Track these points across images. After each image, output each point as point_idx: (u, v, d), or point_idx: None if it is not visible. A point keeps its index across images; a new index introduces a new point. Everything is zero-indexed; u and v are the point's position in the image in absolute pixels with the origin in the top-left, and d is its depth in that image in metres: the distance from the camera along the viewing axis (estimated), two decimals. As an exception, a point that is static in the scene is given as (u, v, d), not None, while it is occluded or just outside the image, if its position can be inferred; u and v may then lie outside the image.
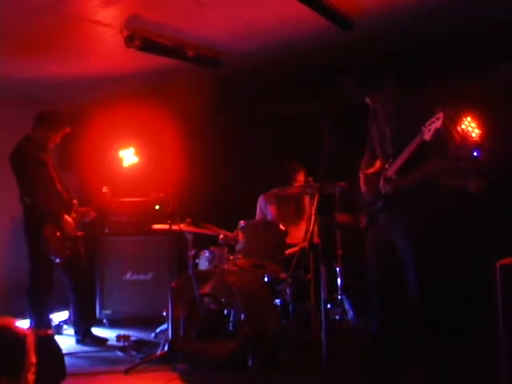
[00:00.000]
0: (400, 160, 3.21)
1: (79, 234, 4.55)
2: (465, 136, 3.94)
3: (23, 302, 4.49)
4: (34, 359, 2.14)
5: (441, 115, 2.93)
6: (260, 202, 5.38)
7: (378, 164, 3.52)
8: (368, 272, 3.48)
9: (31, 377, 2.16)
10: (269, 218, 5.26)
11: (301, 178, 5.14)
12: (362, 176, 3.62)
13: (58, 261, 4.39)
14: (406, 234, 3.24)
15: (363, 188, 3.58)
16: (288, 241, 4.64)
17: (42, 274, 4.48)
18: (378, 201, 3.39)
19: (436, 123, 2.95)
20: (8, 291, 5.35)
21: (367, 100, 3.46)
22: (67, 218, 4.47)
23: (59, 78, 5.10)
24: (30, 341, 2.09)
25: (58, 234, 4.37)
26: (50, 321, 4.68)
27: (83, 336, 4.70)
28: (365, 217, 3.50)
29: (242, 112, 5.98)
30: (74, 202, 4.65)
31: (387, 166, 3.33)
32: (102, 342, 4.68)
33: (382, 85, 3.34)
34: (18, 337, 2.08)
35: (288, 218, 5.15)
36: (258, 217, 5.36)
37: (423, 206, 3.21)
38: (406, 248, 3.24)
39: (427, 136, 2.98)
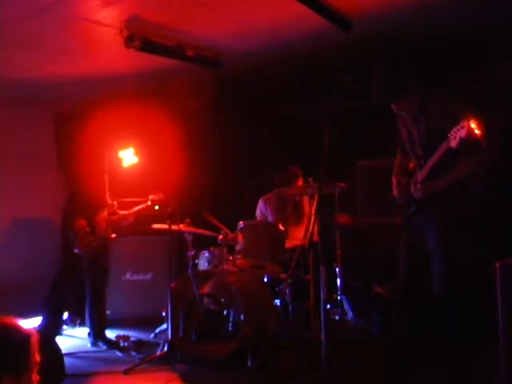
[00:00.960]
0: (428, 165, 3.26)
1: (112, 235, 4.51)
2: (472, 133, 3.91)
3: (24, 302, 4.47)
4: (38, 358, 2.15)
5: (465, 124, 2.97)
6: (260, 205, 5.39)
7: (411, 165, 3.55)
8: (399, 274, 3.52)
9: (35, 376, 2.16)
10: (269, 220, 5.25)
11: (299, 184, 5.11)
12: (394, 180, 3.65)
13: (77, 251, 4.32)
14: (438, 233, 3.29)
15: (395, 191, 3.62)
16: (288, 243, 4.64)
17: (72, 271, 4.47)
18: (412, 204, 3.43)
19: (461, 132, 2.99)
20: (8, 291, 5.32)
21: (393, 106, 3.48)
22: (99, 217, 4.44)
23: (59, 78, 5.09)
24: (34, 340, 2.09)
25: (87, 229, 4.33)
26: (62, 319, 4.67)
27: (96, 338, 4.66)
28: (400, 219, 3.55)
29: (242, 112, 5.97)
30: (114, 203, 4.61)
31: (417, 170, 3.38)
32: (114, 344, 4.60)
33: (409, 90, 3.38)
34: (23, 336, 2.08)
35: (287, 219, 5.14)
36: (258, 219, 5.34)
37: (456, 207, 3.27)
38: (435, 246, 3.29)
39: (453, 144, 3.03)
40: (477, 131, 3.07)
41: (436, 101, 3.39)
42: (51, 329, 4.41)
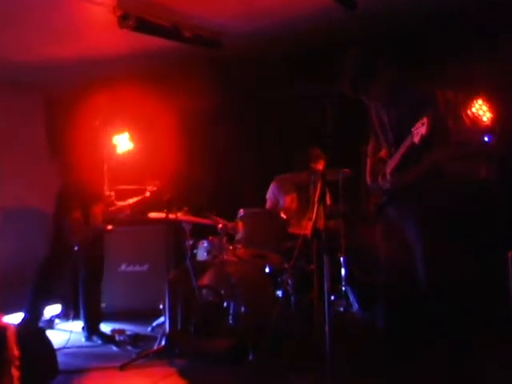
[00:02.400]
0: (395, 158, 3.21)
1: (108, 227, 4.39)
2: (475, 120, 3.82)
3: (10, 297, 4.36)
4: (16, 353, 2.02)
5: (425, 120, 2.89)
6: (272, 187, 5.32)
7: (383, 152, 3.48)
8: (378, 264, 3.45)
9: (15, 372, 2.04)
10: (281, 204, 5.18)
11: (320, 167, 4.98)
12: (368, 164, 3.59)
13: (75, 248, 4.26)
14: (415, 224, 3.21)
15: (368, 178, 3.57)
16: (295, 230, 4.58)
17: (59, 264, 4.38)
18: (384, 194, 3.37)
19: (421, 129, 2.93)
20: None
21: (362, 98, 3.41)
22: (96, 208, 4.33)
23: (49, 60, 4.98)
24: (10, 334, 1.96)
25: (83, 221, 4.25)
26: (43, 312, 4.54)
27: (90, 332, 4.59)
28: (374, 207, 3.47)
29: (242, 96, 5.91)
30: (111, 194, 4.49)
31: (388, 158, 3.32)
32: (109, 338, 4.53)
33: (375, 79, 3.26)
34: None
35: (297, 206, 5.09)
36: (269, 202, 5.31)
37: (430, 195, 3.18)
38: (415, 237, 3.22)
39: (415, 139, 2.98)
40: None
41: (408, 85, 3.30)
42: (32, 319, 4.31)
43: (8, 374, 2.02)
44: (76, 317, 5.12)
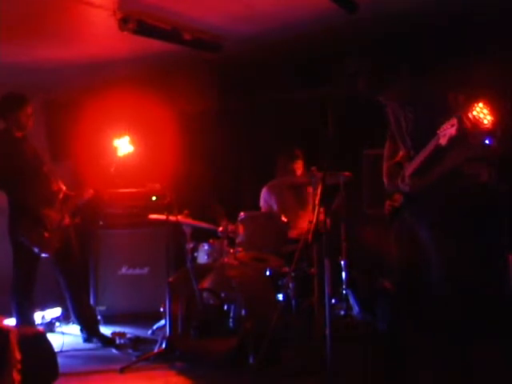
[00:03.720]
0: (417, 161, 3.18)
1: (66, 222, 4.34)
2: (476, 123, 3.82)
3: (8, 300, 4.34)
4: (18, 356, 2.02)
5: (455, 121, 2.86)
6: (264, 194, 5.32)
7: (400, 154, 3.46)
8: (391, 268, 3.47)
9: (16, 376, 2.03)
10: (274, 209, 5.18)
11: (299, 165, 5.08)
12: (384, 167, 3.57)
13: (45, 255, 4.22)
14: (430, 226, 3.20)
15: (385, 181, 3.54)
16: (291, 233, 4.59)
17: (25, 271, 4.30)
18: (401, 197, 3.35)
19: (450, 130, 2.89)
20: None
21: (379, 98, 3.39)
22: (48, 210, 4.26)
23: (49, 63, 4.96)
24: (13, 337, 1.95)
25: (39, 228, 4.17)
26: (33, 320, 4.49)
27: (89, 334, 4.55)
28: (388, 209, 3.45)
29: (242, 99, 5.90)
30: (59, 188, 4.41)
31: (406, 161, 3.29)
32: (109, 341, 4.50)
33: (394, 79, 3.28)
34: (1, 333, 1.94)
35: (290, 208, 5.06)
36: (263, 209, 5.28)
37: (447, 197, 3.17)
38: (429, 240, 3.20)
39: (442, 141, 2.94)
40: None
41: (427, 89, 3.29)
42: (26, 323, 4.26)
43: (9, 376, 2.01)
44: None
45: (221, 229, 4.56)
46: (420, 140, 3.15)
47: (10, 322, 4.34)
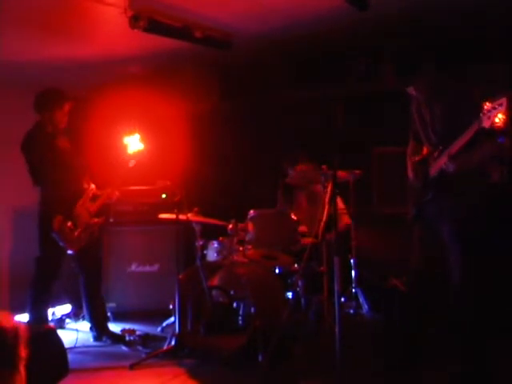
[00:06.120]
0: (461, 141, 3.05)
1: (95, 220, 4.36)
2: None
3: (21, 296, 4.35)
4: (24, 353, 2.03)
5: (504, 100, 2.75)
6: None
7: (424, 151, 3.43)
8: (410, 265, 3.43)
9: (23, 371, 2.04)
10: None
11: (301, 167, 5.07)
12: (409, 163, 3.56)
13: (70, 253, 4.24)
14: (454, 221, 3.18)
15: (410, 175, 3.53)
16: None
17: (50, 266, 4.34)
18: (429, 191, 3.31)
19: (498, 109, 2.78)
20: (10, 285, 5.24)
21: (408, 89, 3.38)
22: (79, 207, 4.29)
23: (60, 60, 4.96)
24: (22, 334, 1.96)
25: (69, 224, 4.19)
26: (47, 316, 4.51)
27: (99, 332, 4.56)
28: (413, 207, 3.43)
29: (252, 97, 5.87)
30: (91, 186, 4.46)
31: (435, 153, 3.25)
32: (119, 338, 4.50)
33: (423, 70, 3.27)
34: (6, 330, 1.95)
35: (302, 208, 5.10)
36: (279, 203, 5.32)
37: (471, 194, 3.16)
38: (452, 236, 3.18)
39: (486, 123, 2.83)
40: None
41: (454, 85, 3.28)
42: (38, 320, 4.27)
43: (18, 373, 2.02)
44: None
45: (231, 226, 4.54)
46: (452, 129, 3.10)
47: (22, 317, 4.39)
